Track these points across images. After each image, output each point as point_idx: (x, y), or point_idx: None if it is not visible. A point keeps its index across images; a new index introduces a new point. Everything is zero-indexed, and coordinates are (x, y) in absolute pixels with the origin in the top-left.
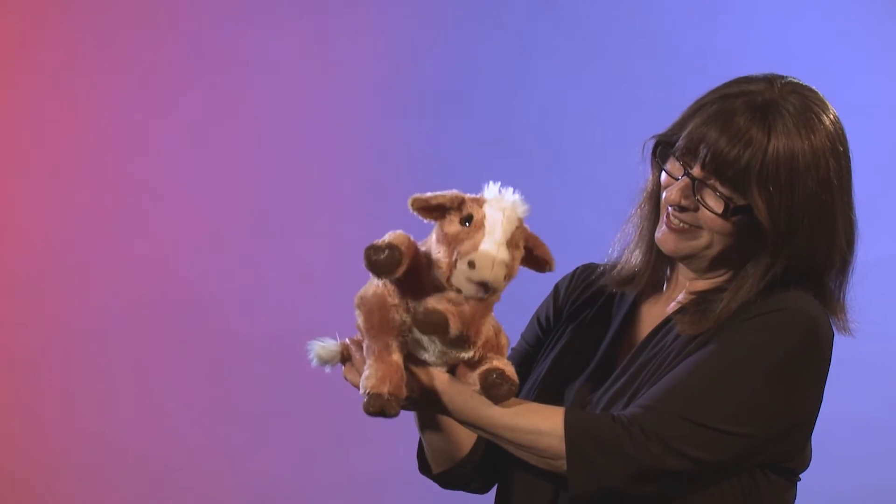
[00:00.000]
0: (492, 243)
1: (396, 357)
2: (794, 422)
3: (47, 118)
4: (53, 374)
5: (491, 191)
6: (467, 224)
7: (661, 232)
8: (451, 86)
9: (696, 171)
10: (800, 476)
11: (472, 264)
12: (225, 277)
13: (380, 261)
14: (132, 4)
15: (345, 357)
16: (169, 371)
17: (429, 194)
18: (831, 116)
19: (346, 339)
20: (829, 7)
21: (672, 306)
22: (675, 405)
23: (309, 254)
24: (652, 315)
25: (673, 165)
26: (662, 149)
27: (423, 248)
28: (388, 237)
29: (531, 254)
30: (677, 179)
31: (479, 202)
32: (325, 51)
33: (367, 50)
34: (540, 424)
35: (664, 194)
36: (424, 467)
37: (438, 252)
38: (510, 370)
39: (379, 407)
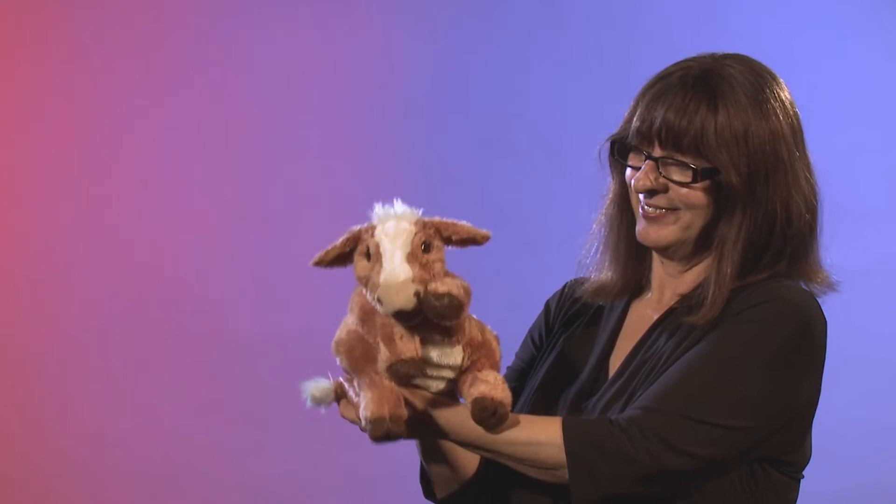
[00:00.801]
0: (388, 269)
1: (388, 382)
2: (792, 412)
3: (47, 118)
4: (53, 374)
5: (377, 213)
6: (369, 258)
7: (640, 226)
8: (451, 86)
9: (656, 151)
10: (803, 474)
11: (379, 301)
12: (225, 277)
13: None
14: (132, 4)
15: (339, 395)
16: (169, 371)
17: (324, 251)
18: (776, 79)
19: (340, 378)
20: (829, 7)
21: (662, 310)
22: (673, 404)
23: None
24: (642, 320)
25: (633, 157)
26: (619, 146)
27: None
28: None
29: (455, 241)
30: (640, 168)
31: (371, 230)
32: (325, 51)
33: (367, 50)
34: (538, 435)
35: (632, 184)
36: (428, 493)
37: (366, 291)
38: (499, 394)
39: (383, 430)
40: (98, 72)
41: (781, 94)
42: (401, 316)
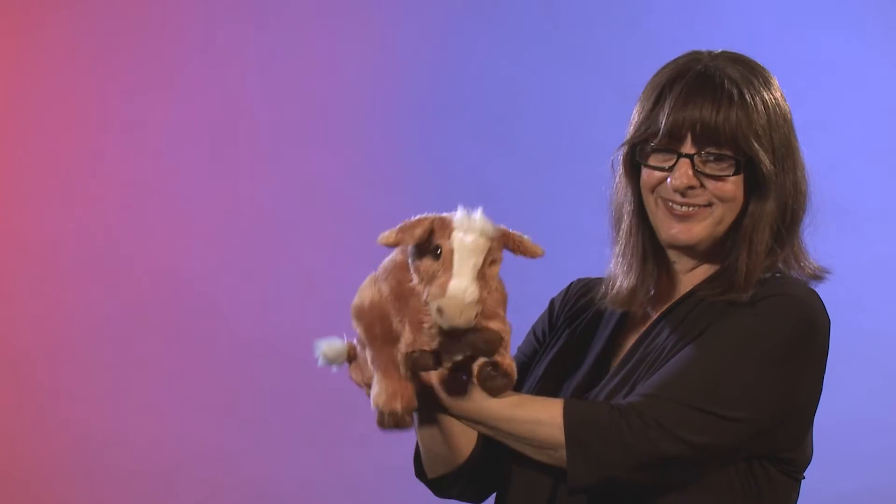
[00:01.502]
0: (459, 285)
1: (402, 371)
2: (792, 408)
3: (47, 118)
4: (53, 374)
5: (459, 215)
6: (437, 254)
7: (671, 226)
8: (451, 86)
9: (687, 149)
10: (804, 475)
11: (440, 311)
12: (225, 278)
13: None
14: (133, 4)
15: (351, 356)
16: (169, 371)
17: (395, 232)
18: (766, 70)
19: (353, 340)
20: (829, 6)
21: (666, 305)
22: (673, 392)
23: (309, 254)
24: (645, 316)
25: (657, 158)
26: (640, 149)
27: (400, 257)
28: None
29: (515, 253)
30: (668, 169)
31: (447, 229)
32: (325, 51)
33: (368, 50)
34: (539, 414)
35: (669, 181)
36: (420, 472)
37: (418, 282)
38: (506, 362)
39: (394, 423)
40: (98, 72)
41: (777, 83)
42: (453, 330)
